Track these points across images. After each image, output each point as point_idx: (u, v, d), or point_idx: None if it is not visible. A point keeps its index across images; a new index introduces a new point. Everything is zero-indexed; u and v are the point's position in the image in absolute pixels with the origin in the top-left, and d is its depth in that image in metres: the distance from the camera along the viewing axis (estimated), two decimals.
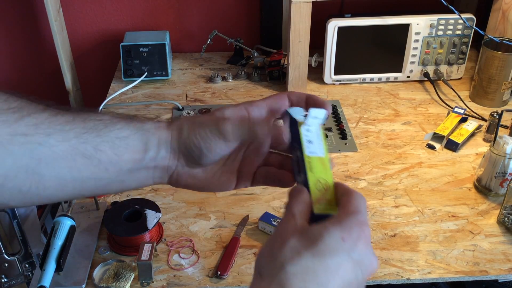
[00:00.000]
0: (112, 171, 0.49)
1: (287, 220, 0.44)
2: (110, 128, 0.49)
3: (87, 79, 1.60)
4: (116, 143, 0.49)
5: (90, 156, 0.47)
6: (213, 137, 0.49)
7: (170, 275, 0.82)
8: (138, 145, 0.50)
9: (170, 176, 0.52)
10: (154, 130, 0.51)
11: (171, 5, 1.51)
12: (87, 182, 0.49)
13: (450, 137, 1.12)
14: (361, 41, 1.32)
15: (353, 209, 0.43)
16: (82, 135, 0.47)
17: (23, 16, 1.49)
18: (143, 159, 0.50)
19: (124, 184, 0.52)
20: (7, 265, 0.98)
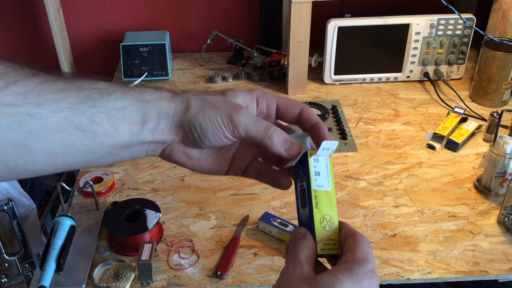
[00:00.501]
0: (107, 145, 0.46)
1: (294, 267, 0.42)
2: (106, 97, 0.45)
3: None
4: (112, 114, 0.45)
5: (84, 128, 0.44)
6: (222, 124, 0.47)
7: (170, 275, 0.82)
8: (136, 116, 0.46)
9: (163, 149, 0.50)
10: (155, 101, 0.47)
11: (171, 5, 1.51)
12: (80, 156, 0.45)
13: (450, 137, 1.12)
14: (361, 41, 1.32)
15: (362, 256, 0.42)
16: (75, 105, 0.43)
17: (23, 16, 1.49)
18: (140, 131, 0.47)
19: (117, 157, 0.49)
20: (7, 265, 0.98)
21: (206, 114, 0.47)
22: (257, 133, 0.47)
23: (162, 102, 0.47)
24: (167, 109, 0.47)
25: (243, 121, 0.46)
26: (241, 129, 0.46)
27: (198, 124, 0.47)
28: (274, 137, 0.47)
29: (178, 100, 0.48)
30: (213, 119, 0.46)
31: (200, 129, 0.47)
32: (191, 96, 0.48)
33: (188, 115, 0.47)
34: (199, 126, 0.47)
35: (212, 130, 0.47)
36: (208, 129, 0.47)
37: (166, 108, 0.47)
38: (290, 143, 0.48)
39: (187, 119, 0.47)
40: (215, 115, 0.46)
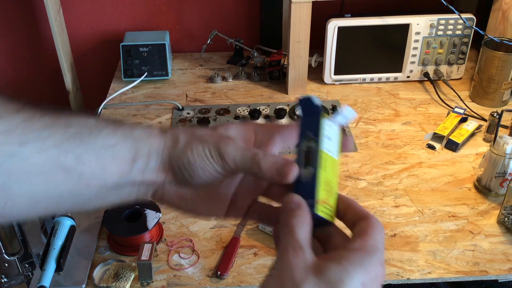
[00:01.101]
0: (94, 187, 0.42)
1: (294, 252, 0.38)
2: (95, 135, 0.42)
3: (87, 79, 1.60)
4: (101, 153, 0.42)
5: (70, 169, 0.40)
6: (210, 157, 0.43)
7: (170, 275, 0.82)
8: (127, 154, 0.43)
9: (154, 192, 0.46)
10: (146, 138, 0.44)
11: (171, 5, 1.51)
12: (64, 200, 0.42)
13: (450, 137, 1.12)
14: (361, 41, 1.32)
15: (374, 244, 0.39)
16: (62, 143, 0.40)
17: (23, 16, 1.49)
18: (130, 171, 0.43)
19: (104, 201, 0.45)
20: (7, 265, 0.98)
21: (193, 149, 0.43)
22: (245, 163, 0.43)
23: (153, 139, 0.44)
24: (157, 145, 0.44)
25: (230, 152, 0.43)
26: (229, 160, 0.43)
27: (186, 160, 0.43)
28: (261, 164, 0.42)
29: (167, 135, 0.45)
30: (200, 152, 0.43)
31: (188, 165, 0.43)
32: (181, 132, 0.45)
33: (176, 151, 0.44)
34: (187, 162, 0.43)
35: (201, 165, 0.43)
36: (196, 164, 0.43)
37: (156, 144, 0.44)
38: (281, 164, 0.42)
39: (176, 154, 0.44)
40: (203, 148, 0.43)
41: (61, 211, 0.47)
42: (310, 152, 0.43)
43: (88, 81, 1.61)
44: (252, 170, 0.43)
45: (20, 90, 1.61)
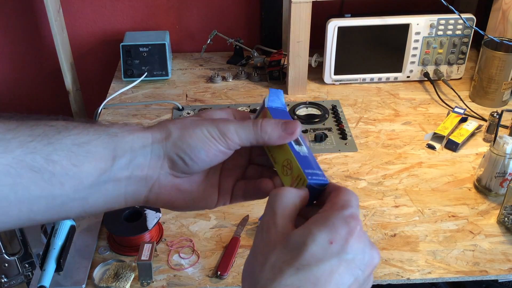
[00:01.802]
0: (69, 186, 0.40)
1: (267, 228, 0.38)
2: (64, 133, 0.40)
3: (87, 79, 1.60)
4: (73, 151, 0.40)
5: (39, 169, 0.38)
6: (212, 137, 0.43)
7: (170, 275, 0.82)
8: (103, 151, 0.41)
9: (149, 189, 0.44)
10: (124, 133, 0.43)
11: (171, 5, 1.51)
12: (37, 202, 0.40)
13: (450, 137, 1.12)
14: (361, 41, 1.32)
15: (340, 204, 0.38)
16: (28, 144, 0.38)
17: (23, 16, 1.49)
18: (110, 168, 0.41)
19: (86, 203, 0.42)
20: (7, 265, 0.98)
21: (192, 134, 0.43)
22: (248, 134, 0.44)
23: (134, 134, 0.43)
24: (142, 141, 0.43)
25: (231, 128, 0.43)
26: (232, 136, 0.43)
27: (187, 146, 0.43)
28: (265, 128, 0.43)
29: (153, 130, 0.44)
30: (201, 135, 0.43)
31: (190, 150, 0.43)
32: (167, 123, 0.44)
33: (172, 142, 0.43)
34: (188, 148, 0.43)
35: (204, 148, 0.43)
36: (199, 147, 0.43)
37: (141, 140, 0.43)
38: (284, 122, 0.44)
39: (172, 145, 0.43)
40: (202, 131, 0.43)
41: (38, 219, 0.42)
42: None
43: (88, 81, 1.61)
44: (258, 138, 0.43)
45: (20, 90, 1.61)
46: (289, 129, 0.44)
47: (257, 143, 0.44)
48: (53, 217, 0.42)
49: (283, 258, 0.36)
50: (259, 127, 0.44)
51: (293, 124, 0.44)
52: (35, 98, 1.63)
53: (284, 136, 0.44)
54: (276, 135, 0.44)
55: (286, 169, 0.44)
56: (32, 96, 1.63)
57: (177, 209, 0.47)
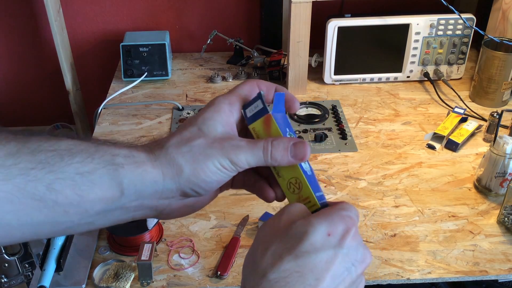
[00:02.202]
0: (74, 214, 0.40)
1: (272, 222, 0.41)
2: (67, 161, 0.39)
3: (87, 79, 1.60)
4: (76, 180, 0.39)
5: (41, 197, 0.38)
6: (224, 169, 0.43)
7: (170, 275, 0.82)
8: (109, 182, 0.40)
9: (159, 213, 0.45)
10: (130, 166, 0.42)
11: (171, 5, 1.51)
12: (41, 227, 0.39)
13: (450, 137, 1.12)
14: (361, 41, 1.32)
15: (340, 206, 0.42)
16: (29, 171, 0.37)
17: (23, 17, 1.49)
18: (118, 199, 0.41)
19: (93, 226, 0.43)
20: (7, 265, 0.98)
21: (205, 168, 0.42)
22: (258, 161, 0.44)
23: (143, 168, 0.42)
24: (152, 176, 0.42)
25: (242, 158, 0.43)
26: (243, 165, 0.44)
27: (201, 181, 0.43)
28: (275, 155, 0.44)
29: (162, 164, 0.43)
30: (213, 169, 0.43)
31: (205, 184, 0.43)
32: (174, 153, 0.43)
33: (185, 178, 0.42)
34: (203, 183, 0.43)
35: (217, 179, 0.43)
36: (213, 180, 0.43)
37: (150, 175, 0.42)
38: (293, 147, 0.44)
39: (185, 181, 0.43)
40: (214, 164, 0.42)
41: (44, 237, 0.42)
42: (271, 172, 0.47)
43: (88, 81, 1.61)
44: (268, 164, 0.44)
45: (20, 91, 1.61)
46: (299, 154, 0.44)
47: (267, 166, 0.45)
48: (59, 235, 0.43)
49: (284, 246, 0.38)
50: (269, 155, 0.44)
51: (302, 148, 0.44)
52: (35, 98, 1.63)
53: (293, 162, 0.44)
54: (286, 161, 0.44)
55: (294, 187, 0.45)
56: (32, 96, 1.63)
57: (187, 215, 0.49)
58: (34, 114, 1.65)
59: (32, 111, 1.65)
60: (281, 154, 0.44)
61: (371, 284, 0.82)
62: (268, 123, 0.46)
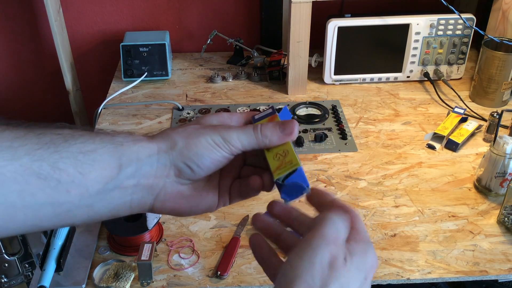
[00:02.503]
0: (75, 193, 0.41)
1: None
2: (71, 142, 0.41)
3: (87, 79, 1.60)
4: (79, 159, 0.41)
5: (46, 176, 0.39)
6: (216, 145, 0.45)
7: (170, 275, 0.82)
8: (109, 160, 0.42)
9: (155, 197, 0.46)
10: (129, 143, 0.44)
11: (171, 5, 1.51)
12: (43, 209, 0.40)
13: (450, 137, 1.12)
14: (361, 41, 1.32)
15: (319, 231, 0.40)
16: (35, 151, 0.39)
17: (23, 16, 1.49)
18: (116, 176, 0.42)
19: (92, 210, 0.43)
20: (7, 265, 0.98)
21: (197, 143, 0.45)
22: (250, 140, 0.46)
23: (140, 144, 0.44)
24: (148, 151, 0.44)
25: (234, 135, 0.45)
26: (236, 143, 0.45)
27: (193, 154, 0.45)
28: (266, 132, 0.46)
29: (157, 140, 0.45)
30: (206, 144, 0.45)
31: (196, 158, 0.45)
32: (170, 132, 0.46)
33: (178, 151, 0.45)
34: (195, 156, 0.45)
35: (210, 155, 0.45)
36: (205, 155, 0.45)
37: (147, 150, 0.44)
38: (281, 124, 0.47)
39: (178, 154, 0.45)
40: (206, 139, 0.45)
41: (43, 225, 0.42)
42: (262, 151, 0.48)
43: (88, 81, 1.61)
44: (259, 143, 0.46)
45: (20, 90, 1.61)
46: (288, 129, 0.47)
47: (258, 147, 0.47)
48: (58, 223, 0.43)
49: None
50: (259, 132, 0.46)
51: (290, 124, 0.47)
52: (35, 98, 1.63)
53: (283, 137, 0.47)
54: (276, 138, 0.46)
55: (279, 156, 0.46)
56: (32, 96, 1.63)
57: (181, 214, 0.49)
58: (34, 114, 1.65)
59: (32, 111, 1.65)
60: (271, 130, 0.46)
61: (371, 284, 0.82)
62: (273, 120, 0.49)
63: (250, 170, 0.51)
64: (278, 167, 0.45)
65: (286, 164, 0.45)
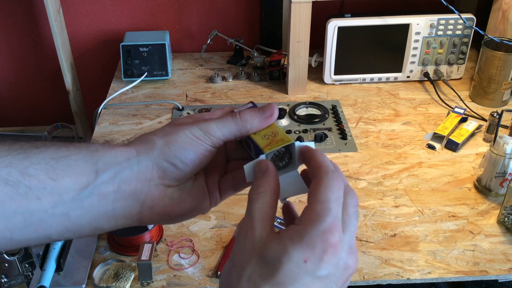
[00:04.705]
0: (47, 201, 0.38)
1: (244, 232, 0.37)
2: (42, 148, 0.39)
3: (87, 79, 1.60)
4: (51, 165, 0.39)
5: (14, 183, 0.37)
6: (197, 138, 0.43)
7: (170, 275, 0.82)
8: (83, 165, 0.40)
9: (141, 204, 0.43)
10: (106, 149, 0.42)
11: (171, 5, 1.51)
12: (13, 218, 0.38)
13: (450, 137, 1.12)
14: (361, 41, 1.32)
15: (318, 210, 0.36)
16: (4, 158, 0.38)
17: (23, 16, 1.49)
18: (92, 182, 0.40)
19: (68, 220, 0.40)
20: (7, 265, 0.98)
21: (177, 138, 0.43)
22: (230, 129, 0.44)
23: (117, 149, 0.42)
24: (126, 154, 0.42)
25: (213, 125, 0.44)
26: (216, 133, 0.44)
27: (175, 150, 0.43)
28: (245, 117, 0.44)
29: (135, 143, 0.43)
30: (185, 138, 0.43)
31: (179, 153, 0.43)
32: (147, 134, 0.44)
33: (158, 150, 0.43)
34: (177, 151, 0.43)
35: (192, 149, 0.43)
36: (187, 149, 0.43)
37: (125, 154, 0.42)
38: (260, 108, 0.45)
39: (159, 153, 0.43)
40: (186, 134, 0.43)
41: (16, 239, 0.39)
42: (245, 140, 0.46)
43: (88, 81, 1.61)
44: (241, 129, 0.44)
45: (20, 90, 1.61)
46: (268, 112, 0.45)
47: (241, 135, 0.45)
48: (32, 236, 0.40)
49: (259, 272, 0.35)
50: (238, 118, 0.44)
51: (269, 106, 0.45)
52: (35, 98, 1.63)
53: (263, 120, 0.45)
54: (257, 121, 0.45)
55: (268, 136, 0.44)
56: (32, 96, 1.63)
57: (173, 220, 0.47)
58: (34, 114, 1.66)
59: (32, 111, 1.65)
60: (250, 114, 0.45)
61: (371, 284, 0.82)
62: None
63: (235, 164, 0.49)
64: (269, 144, 0.43)
65: (278, 141, 0.43)
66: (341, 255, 0.36)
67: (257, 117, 0.45)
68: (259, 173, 0.40)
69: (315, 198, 0.37)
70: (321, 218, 0.36)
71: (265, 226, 0.37)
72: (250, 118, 0.44)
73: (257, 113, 0.45)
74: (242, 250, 0.37)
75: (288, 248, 0.35)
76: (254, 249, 0.36)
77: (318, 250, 0.35)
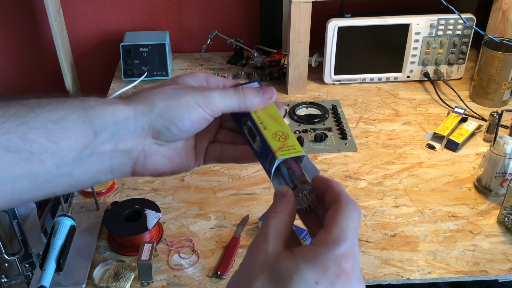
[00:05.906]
0: (50, 163, 0.39)
1: (257, 245, 0.37)
2: (38, 111, 0.40)
3: (87, 79, 1.60)
4: (49, 128, 0.39)
5: (16, 149, 0.38)
6: (198, 106, 0.44)
7: (170, 275, 0.82)
8: (81, 126, 0.41)
9: (135, 160, 0.45)
10: (102, 106, 0.42)
11: (171, 5, 1.51)
12: (19, 182, 0.39)
13: (450, 137, 1.12)
14: (361, 41, 1.32)
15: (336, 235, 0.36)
16: (1, 125, 0.38)
17: (23, 16, 1.49)
18: (92, 142, 0.41)
19: (71, 178, 0.42)
20: (7, 265, 0.98)
21: (178, 104, 0.43)
22: (232, 101, 0.46)
23: (113, 106, 0.42)
24: (124, 113, 0.42)
25: (217, 95, 0.45)
26: (218, 103, 0.45)
27: (174, 116, 0.43)
28: (248, 95, 0.46)
29: (135, 102, 0.44)
30: (187, 105, 0.44)
31: (177, 120, 0.43)
32: (147, 93, 0.45)
33: (157, 113, 0.43)
34: (175, 118, 0.43)
35: (190, 117, 0.44)
36: (186, 116, 0.44)
37: (123, 113, 0.42)
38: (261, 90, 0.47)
39: (157, 117, 0.43)
40: (187, 100, 0.44)
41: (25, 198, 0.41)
42: (251, 129, 0.47)
43: (88, 81, 1.61)
44: (241, 104, 0.46)
45: (20, 90, 1.61)
46: (268, 94, 0.48)
47: (239, 109, 0.47)
48: (39, 194, 0.41)
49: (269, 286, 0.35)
50: (241, 94, 0.46)
51: (270, 89, 0.48)
52: None
53: (263, 101, 0.47)
54: (258, 100, 0.47)
55: (279, 137, 0.45)
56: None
57: (162, 175, 0.48)
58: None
59: None
60: (252, 92, 0.47)
61: (371, 284, 0.82)
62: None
63: (226, 133, 0.51)
64: (281, 148, 0.44)
65: (290, 148, 0.44)
66: (353, 283, 0.35)
67: (258, 97, 0.47)
68: (279, 196, 0.41)
69: (334, 223, 0.36)
70: (338, 243, 0.35)
71: (279, 242, 0.37)
72: (251, 96, 0.47)
73: (259, 93, 0.47)
74: (253, 263, 0.37)
75: (301, 267, 0.34)
76: (266, 262, 0.36)
77: (331, 273, 0.34)
